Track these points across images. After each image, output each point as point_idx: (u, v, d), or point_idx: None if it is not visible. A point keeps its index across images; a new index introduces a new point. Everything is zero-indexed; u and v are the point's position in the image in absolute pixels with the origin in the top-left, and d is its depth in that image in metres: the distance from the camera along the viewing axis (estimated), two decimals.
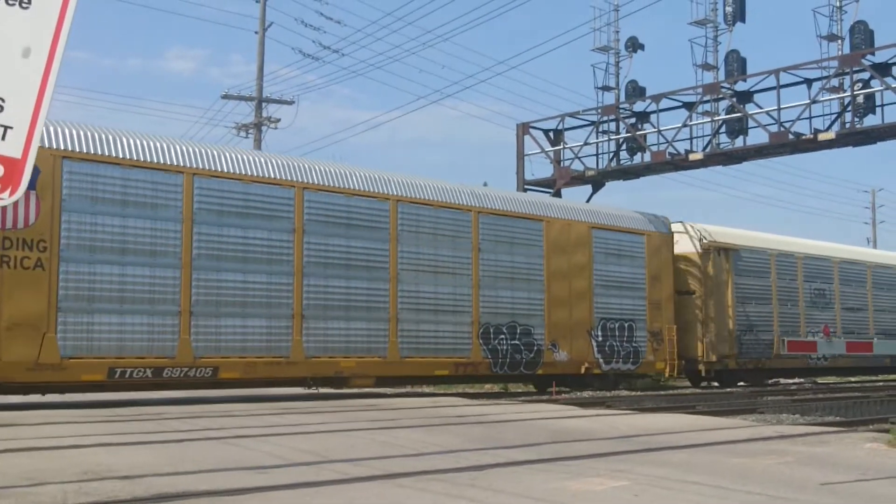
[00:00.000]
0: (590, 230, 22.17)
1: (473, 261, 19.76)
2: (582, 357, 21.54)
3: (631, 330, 22.82)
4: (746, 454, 8.79)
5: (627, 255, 22.99)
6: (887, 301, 32.03)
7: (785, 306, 27.39)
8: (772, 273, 27.13)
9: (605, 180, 30.27)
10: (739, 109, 26.87)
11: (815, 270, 28.89)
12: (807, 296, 28.26)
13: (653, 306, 23.32)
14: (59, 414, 12.71)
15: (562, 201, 23.42)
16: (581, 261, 21.84)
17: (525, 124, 30.75)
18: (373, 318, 18.07)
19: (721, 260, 25.32)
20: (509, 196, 21.39)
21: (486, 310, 19.88)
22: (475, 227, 19.85)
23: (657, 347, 23.31)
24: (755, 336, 26.14)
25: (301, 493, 6.28)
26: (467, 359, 19.37)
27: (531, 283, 20.81)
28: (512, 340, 20.29)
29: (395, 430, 11.00)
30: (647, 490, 6.50)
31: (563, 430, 11.11)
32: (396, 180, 18.94)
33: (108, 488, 6.28)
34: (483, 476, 7.12)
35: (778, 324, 26.89)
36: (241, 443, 9.29)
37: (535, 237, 21.03)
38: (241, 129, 36.54)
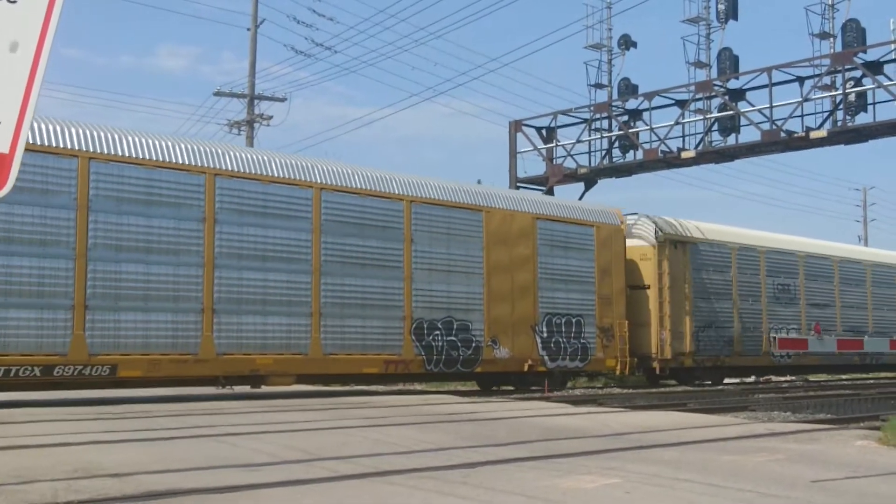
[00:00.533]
0: (534, 221, 21.26)
1: (405, 253, 18.78)
2: (525, 354, 20.66)
3: (579, 325, 21.94)
4: (738, 452, 8.80)
5: (575, 248, 22.13)
6: (856, 297, 31.18)
7: (746, 302, 26.59)
8: (732, 267, 26.34)
9: (598, 178, 30.29)
10: (732, 107, 26.90)
11: (779, 265, 28.08)
12: (770, 291, 27.46)
13: (603, 301, 22.48)
14: (47, 412, 12.66)
15: (504, 191, 22.29)
16: (524, 253, 20.96)
17: (518, 122, 30.76)
18: (293, 313, 17.07)
19: (678, 253, 24.56)
20: (446, 185, 20.18)
21: (420, 304, 18.89)
22: (407, 217, 18.85)
23: (607, 344, 22.44)
24: (714, 332, 25.34)
25: (291, 491, 6.27)
26: (399, 356, 18.40)
27: (469, 276, 19.91)
28: (448, 336, 19.34)
29: (387, 427, 10.98)
30: (639, 488, 6.49)
31: (554, 428, 11.10)
32: (321, 168, 17.97)
33: (98, 486, 6.26)
34: (474, 474, 7.11)
35: (739, 320, 26.15)
36: (232, 440, 9.26)
37: (474, 228, 20.11)
38: (234, 126, 36.47)
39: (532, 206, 21.60)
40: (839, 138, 25.68)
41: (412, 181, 19.38)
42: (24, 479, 6.51)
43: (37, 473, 6.76)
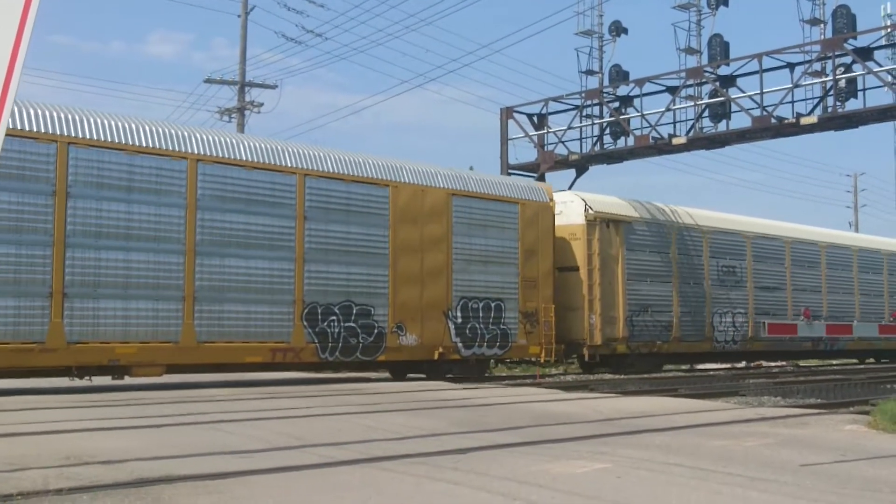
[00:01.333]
0: (449, 197, 19.67)
1: (297, 231, 17.26)
2: (436, 341, 19.14)
3: (499, 310, 20.44)
4: (728, 436, 8.85)
5: (496, 226, 20.57)
6: (809, 280, 29.87)
7: (687, 284, 25.20)
8: (672, 248, 24.97)
9: (589, 164, 30.26)
10: (722, 94, 26.90)
11: (725, 246, 26.73)
12: (713, 273, 26.13)
13: (527, 284, 20.96)
14: (41, 399, 12.66)
15: (416, 164, 20.05)
16: (437, 232, 19.39)
17: (509, 108, 30.71)
18: (161, 297, 15.53)
19: (611, 233, 23.21)
20: (346, 157, 18.49)
21: (314, 287, 17.41)
22: (300, 192, 17.34)
23: (531, 330, 20.95)
24: (651, 317, 23.95)
25: (284, 478, 6.29)
26: (287, 344, 16.95)
27: (372, 257, 18.33)
28: (346, 322, 17.84)
29: (379, 414, 11.01)
30: (630, 472, 6.53)
31: (545, 414, 11.15)
32: (199, 137, 16.42)
33: (90, 473, 6.27)
34: (466, 459, 7.14)
35: (678, 303, 24.77)
36: (225, 427, 9.28)
37: (379, 205, 18.53)
38: (224, 113, 36.35)
39: (447, 180, 19.98)
40: (829, 124, 25.69)
41: (307, 153, 17.82)
42: (15, 466, 6.52)
43: (29, 461, 6.77)
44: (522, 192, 21.49)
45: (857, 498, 5.69)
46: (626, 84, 29.11)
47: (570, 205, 23.02)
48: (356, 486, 5.91)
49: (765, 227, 28.84)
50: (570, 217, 22.90)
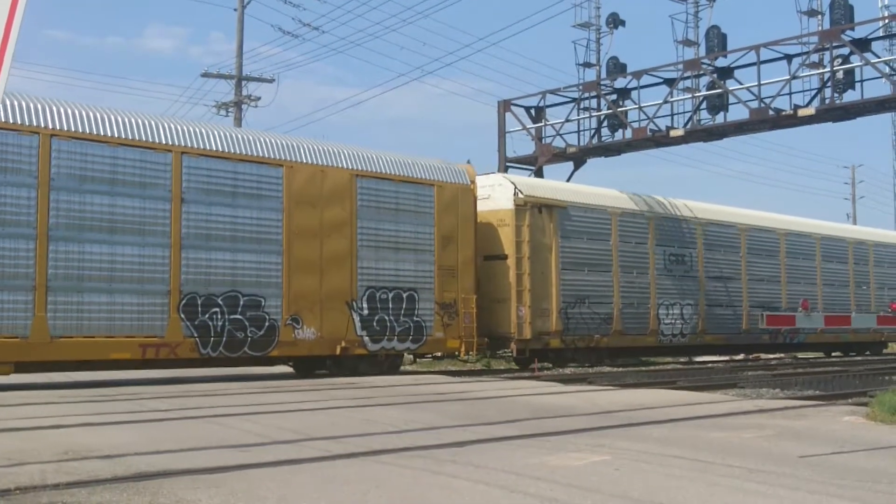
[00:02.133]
0: (353, 178, 18.12)
1: (173, 215, 15.68)
2: (338, 334, 17.64)
3: (412, 301, 18.89)
4: (726, 428, 8.86)
5: (408, 211, 18.99)
6: (767, 269, 28.20)
7: (630, 274, 23.57)
8: (613, 235, 23.26)
9: (587, 157, 30.22)
10: (720, 85, 26.87)
11: (672, 233, 25.06)
12: (660, 262, 24.42)
13: (445, 273, 19.42)
14: (39, 395, 12.66)
15: (315, 143, 18.42)
16: (340, 216, 17.88)
17: (506, 101, 30.66)
18: (8, 288, 14.02)
19: (543, 219, 21.53)
20: (233, 135, 17.08)
21: (193, 276, 15.85)
22: (177, 172, 15.77)
23: (449, 322, 19.43)
24: (588, 309, 22.33)
25: (282, 471, 6.29)
26: (161, 338, 15.40)
27: (263, 243, 16.84)
28: (232, 314, 16.33)
29: (377, 407, 11.02)
30: (628, 464, 6.53)
31: (543, 406, 11.15)
32: (55, 110, 14.81)
33: (88, 468, 6.26)
34: (464, 452, 7.14)
35: (619, 295, 23.16)
36: (222, 421, 9.28)
37: (271, 186, 17.03)
38: (221, 107, 36.28)
39: (351, 160, 18.33)
40: (827, 116, 25.67)
41: (185, 129, 16.25)
42: (13, 461, 6.51)
43: (27, 456, 6.76)
44: (439, 174, 19.81)
45: (856, 489, 5.69)
46: (623, 76, 29.07)
47: (497, 188, 21.47)
48: (354, 480, 5.91)
49: (717, 214, 27.22)
50: (498, 202, 21.33)
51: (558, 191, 22.71)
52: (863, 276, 31.91)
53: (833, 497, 5.42)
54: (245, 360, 17.16)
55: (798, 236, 29.46)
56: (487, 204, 21.24)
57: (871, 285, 32.10)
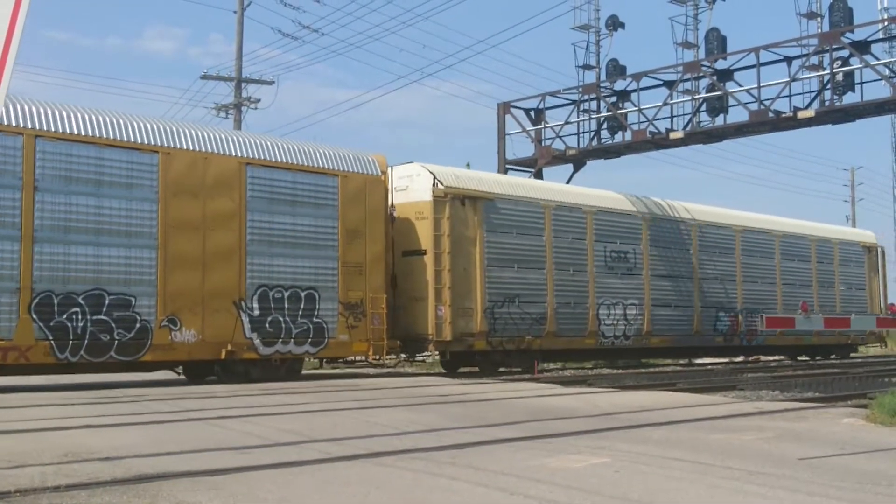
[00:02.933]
0: (242, 167, 16.64)
1: (24, 205, 14.21)
2: (223, 337, 16.12)
3: (312, 301, 17.40)
4: (726, 430, 8.86)
5: (307, 203, 17.53)
6: (723, 267, 26.55)
7: (566, 272, 21.91)
8: (547, 230, 21.58)
9: (587, 159, 30.26)
10: (720, 88, 26.89)
11: (614, 229, 23.40)
12: (600, 259, 22.83)
13: (350, 270, 17.92)
14: (41, 396, 12.66)
15: (196, 127, 17.07)
16: (226, 208, 16.38)
17: (506, 103, 30.70)
18: None
19: (466, 211, 19.96)
20: (99, 118, 15.34)
21: (48, 273, 14.36)
22: (29, 157, 14.28)
23: (355, 324, 17.92)
24: (519, 309, 20.73)
25: (283, 473, 6.29)
26: (8, 341, 13.85)
27: (134, 236, 15.34)
28: (96, 315, 14.77)
29: (378, 409, 11.02)
30: (628, 466, 6.54)
31: (544, 409, 11.16)
32: None
33: (88, 470, 6.27)
34: (464, 454, 7.15)
35: (554, 293, 21.52)
36: (224, 423, 9.28)
37: (143, 174, 15.52)
38: (221, 109, 36.30)
39: (241, 147, 16.86)
40: (827, 118, 25.70)
41: (39, 110, 14.69)
42: (14, 463, 6.52)
43: (27, 458, 6.77)
44: (344, 163, 18.27)
45: (856, 491, 5.70)
46: (623, 79, 29.09)
47: (416, 179, 19.86)
48: (355, 482, 5.92)
49: (666, 209, 25.47)
50: (416, 193, 19.76)
51: (485, 182, 21.02)
52: (827, 275, 30.36)
53: (833, 499, 5.43)
54: (114, 366, 15.42)
55: (756, 233, 27.94)
56: (406, 195, 19.84)
57: (836, 285, 30.62)
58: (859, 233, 33.52)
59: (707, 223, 26.27)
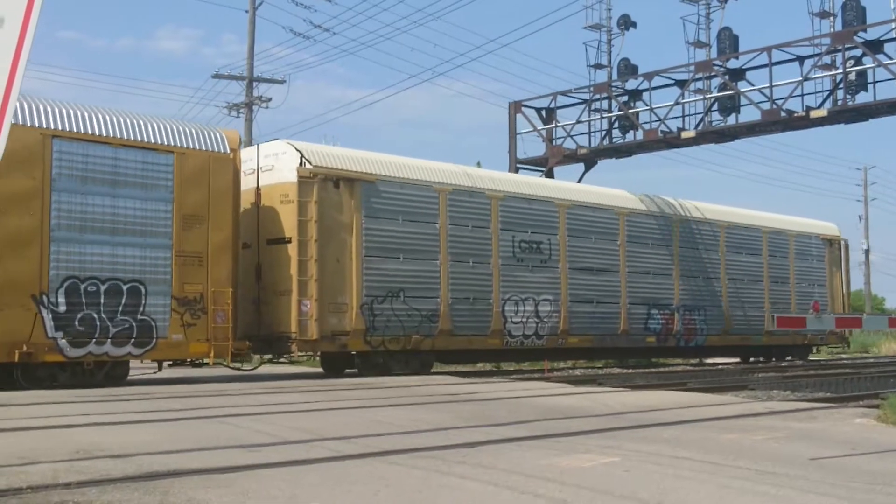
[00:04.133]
0: (46, 140, 14.56)
1: None
2: (18, 336, 14.04)
3: (136, 295, 15.32)
4: (737, 430, 8.84)
5: (133, 183, 15.42)
6: (656, 260, 24.21)
7: (464, 263, 19.77)
8: (441, 216, 19.39)
9: (598, 158, 30.25)
10: (731, 87, 26.82)
11: (524, 217, 21.14)
12: (507, 250, 20.60)
13: (188, 260, 15.87)
14: (51, 394, 12.71)
15: None
16: (23, 187, 14.25)
17: (517, 103, 30.69)
18: None
19: (341, 194, 17.93)
20: None
21: None
22: None
23: (193, 322, 15.85)
24: (405, 305, 18.66)
25: (293, 471, 6.30)
26: None
27: None
28: None
29: (387, 408, 11.03)
30: (638, 466, 6.53)
31: (553, 408, 11.15)
32: None
33: (99, 467, 6.29)
34: (474, 453, 7.14)
35: (449, 287, 19.37)
36: (234, 421, 9.30)
37: None
38: (233, 108, 36.42)
39: (45, 117, 14.74)
40: (839, 117, 25.61)
41: None
42: (26, 460, 6.55)
43: (39, 455, 6.80)
44: (182, 139, 16.16)
45: (867, 492, 5.68)
46: (634, 78, 29.07)
47: (282, 157, 17.87)
48: (364, 480, 5.92)
49: (587, 195, 23.28)
50: (281, 173, 17.80)
51: (365, 161, 18.71)
52: (781, 270, 28.06)
53: (843, 500, 5.41)
54: None
55: (697, 224, 25.64)
56: (271, 177, 17.92)
57: (791, 281, 28.31)
58: (820, 224, 30.52)
59: (636, 212, 24.03)
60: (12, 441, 7.66)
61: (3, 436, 8.01)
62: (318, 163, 17.84)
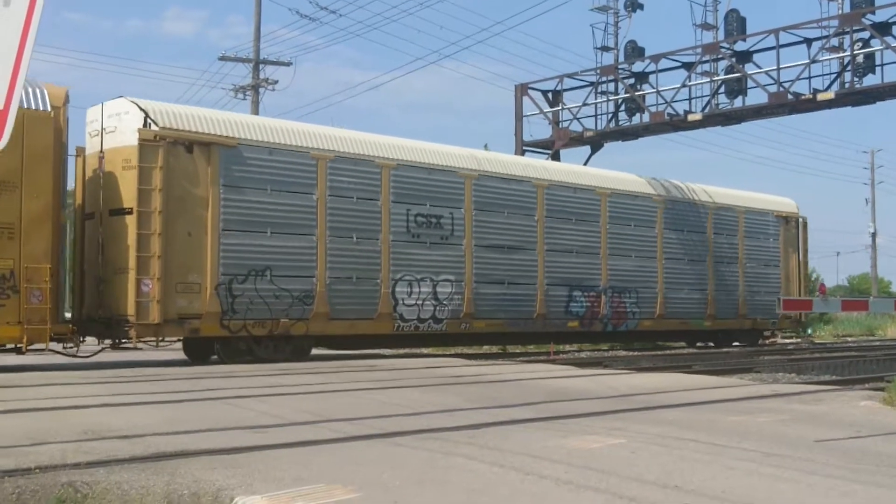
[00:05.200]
0: None
1: None
2: None
3: None
4: (743, 412, 8.85)
5: None
6: (582, 238, 22.05)
7: (346, 239, 17.74)
8: (319, 187, 17.43)
9: (604, 141, 30.20)
10: (738, 69, 26.72)
11: (421, 187, 19.00)
12: (399, 225, 18.51)
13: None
14: (60, 375, 12.77)
15: None
16: None
17: (524, 85, 30.62)
18: None
19: (195, 161, 16.06)
20: None
21: None
22: None
23: (1, 303, 14.19)
24: (272, 285, 16.78)
25: (300, 452, 6.34)
26: None
27: None
28: None
29: (394, 389, 11.07)
30: (644, 447, 6.55)
31: (560, 390, 11.17)
32: None
33: (107, 447, 6.33)
34: (480, 434, 7.17)
35: (326, 266, 17.40)
36: (241, 403, 9.35)
37: None
38: (239, 91, 36.40)
39: None
40: (847, 100, 25.51)
41: None
42: (35, 440, 6.59)
43: (47, 435, 6.84)
44: None
45: (872, 473, 5.69)
46: (641, 60, 28.97)
47: (125, 118, 15.91)
48: (371, 461, 5.95)
49: (498, 165, 20.88)
50: (124, 136, 15.85)
51: (224, 123, 16.67)
52: (727, 249, 25.83)
53: (849, 481, 5.42)
54: None
55: (632, 198, 23.41)
56: (114, 139, 15.97)
57: (740, 261, 26.06)
58: (775, 200, 28.24)
59: (559, 183, 21.73)
60: (21, 422, 7.71)
61: (12, 416, 8.07)
62: (166, 124, 15.88)
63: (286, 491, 4.94)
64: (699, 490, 5.07)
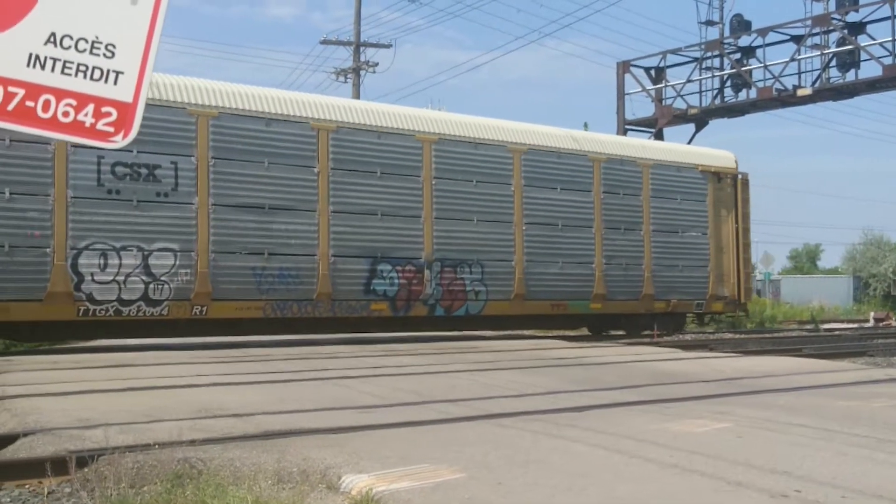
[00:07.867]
0: None
1: None
2: None
3: None
4: (854, 397, 8.61)
5: None
6: (393, 197, 16.93)
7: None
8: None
9: (709, 118, 29.58)
10: (851, 41, 25.78)
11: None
12: (86, 178, 14.04)
13: None
14: (172, 355, 13.22)
15: None
16: None
17: (625, 62, 30.19)
18: None
19: None
20: None
21: None
22: None
23: None
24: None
25: (404, 432, 6.44)
26: None
27: None
28: None
29: (496, 371, 11.11)
30: (750, 432, 6.44)
31: (664, 373, 11.05)
32: None
33: (220, 425, 6.55)
34: (583, 417, 7.16)
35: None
36: (346, 383, 9.53)
37: None
38: (340, 73, 36.84)
39: None
40: None
41: None
42: (152, 417, 6.86)
43: (164, 413, 7.11)
44: None
45: None
46: (747, 34, 28.23)
47: None
48: (474, 442, 6.01)
49: (249, 100, 15.69)
50: None
51: None
52: (629, 212, 20.11)
53: None
54: None
55: (475, 146, 17.98)
56: None
57: (645, 227, 20.30)
58: (702, 152, 22.49)
59: (355, 127, 16.63)
60: (140, 399, 8.03)
61: (130, 394, 8.40)
62: None
63: (393, 470, 5.03)
64: (809, 476, 4.97)
